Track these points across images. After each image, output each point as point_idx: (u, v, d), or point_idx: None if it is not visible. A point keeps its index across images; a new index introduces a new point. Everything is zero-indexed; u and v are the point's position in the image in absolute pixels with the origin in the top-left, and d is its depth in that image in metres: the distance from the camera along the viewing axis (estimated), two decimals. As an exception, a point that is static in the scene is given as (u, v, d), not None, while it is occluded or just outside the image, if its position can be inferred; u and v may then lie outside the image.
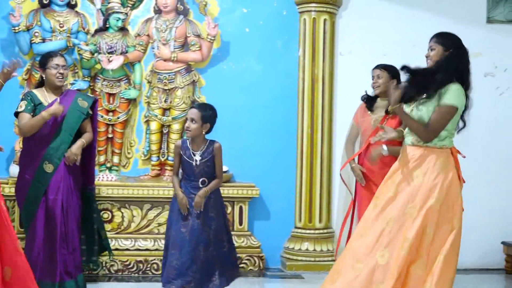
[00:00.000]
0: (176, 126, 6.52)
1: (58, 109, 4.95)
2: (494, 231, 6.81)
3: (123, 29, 6.52)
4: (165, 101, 6.49)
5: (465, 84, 4.47)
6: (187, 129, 4.91)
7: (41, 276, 4.91)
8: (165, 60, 6.47)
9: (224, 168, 6.25)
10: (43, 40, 6.38)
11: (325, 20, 6.61)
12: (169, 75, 6.49)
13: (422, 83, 4.41)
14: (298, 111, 6.67)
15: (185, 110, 6.39)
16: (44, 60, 5.11)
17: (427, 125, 4.30)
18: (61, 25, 6.41)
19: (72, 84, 6.40)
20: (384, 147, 4.75)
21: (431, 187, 4.28)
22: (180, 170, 5.05)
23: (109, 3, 6.48)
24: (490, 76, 6.94)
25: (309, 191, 6.61)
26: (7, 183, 6.07)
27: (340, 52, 6.77)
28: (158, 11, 6.58)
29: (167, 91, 6.48)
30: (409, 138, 4.44)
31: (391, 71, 5.30)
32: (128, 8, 6.56)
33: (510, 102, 6.95)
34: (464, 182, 4.43)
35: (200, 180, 4.92)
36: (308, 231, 6.58)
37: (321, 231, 6.62)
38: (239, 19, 6.77)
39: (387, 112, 4.83)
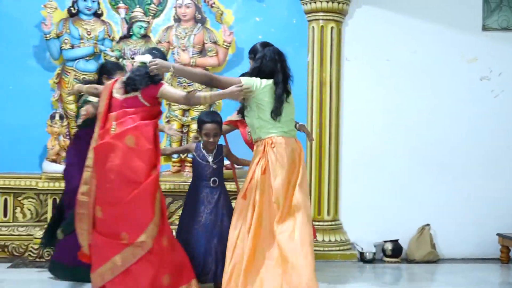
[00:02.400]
0: (195, 126, 6.68)
1: None
2: (490, 223, 7.08)
3: (145, 36, 6.90)
4: (185, 103, 6.86)
5: (274, 79, 4.97)
6: (212, 143, 5.30)
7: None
8: (184, 65, 6.63)
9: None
10: (72, 47, 6.79)
11: (332, 28, 6.86)
12: (188, 79, 6.77)
13: None
14: (308, 112, 6.93)
15: (203, 111, 6.72)
16: None
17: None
18: (89, 33, 6.79)
19: (99, 87, 6.82)
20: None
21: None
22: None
23: (132, 12, 6.88)
24: (486, 80, 7.21)
25: (318, 186, 6.88)
26: (40, 178, 6.48)
27: (346, 58, 7.01)
28: (178, 19, 6.93)
29: (187, 93, 6.85)
30: None
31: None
32: (150, 17, 6.96)
33: (504, 104, 7.23)
34: (264, 174, 4.87)
35: (211, 179, 5.31)
36: (317, 223, 6.82)
37: (329, 223, 6.91)
38: (253, 27, 7.05)
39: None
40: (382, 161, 7.09)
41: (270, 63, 4.96)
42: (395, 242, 6.96)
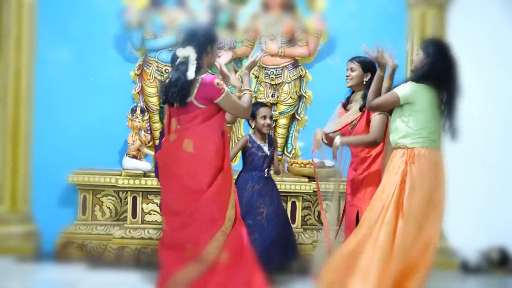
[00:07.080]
0: (283, 121, 6.66)
1: None
2: None
3: (231, 25, 6.68)
4: (272, 96, 6.62)
5: (440, 86, 4.62)
6: (268, 126, 5.42)
7: None
8: (272, 55, 6.60)
9: (330, 163, 6.29)
10: (155, 37, 6.66)
11: (434, 14, 6.63)
12: (276, 70, 6.63)
13: None
14: (406, 107, 6.67)
15: (292, 105, 6.54)
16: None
17: None
18: (172, 22, 6.63)
19: (181, 78, 6.60)
20: (337, 140, 4.96)
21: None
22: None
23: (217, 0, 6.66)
24: None
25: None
26: (120, 175, 6.34)
27: (449, 47, 6.77)
28: (265, 7, 6.71)
29: (274, 86, 6.61)
30: None
31: (366, 65, 5.12)
32: (236, 4, 6.72)
33: None
34: (401, 187, 4.53)
35: (266, 170, 5.43)
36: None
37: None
38: (346, 14, 6.81)
39: (360, 109, 5.02)
40: (489, 161, 6.77)
41: (443, 72, 4.63)
42: (503, 250, 6.66)
